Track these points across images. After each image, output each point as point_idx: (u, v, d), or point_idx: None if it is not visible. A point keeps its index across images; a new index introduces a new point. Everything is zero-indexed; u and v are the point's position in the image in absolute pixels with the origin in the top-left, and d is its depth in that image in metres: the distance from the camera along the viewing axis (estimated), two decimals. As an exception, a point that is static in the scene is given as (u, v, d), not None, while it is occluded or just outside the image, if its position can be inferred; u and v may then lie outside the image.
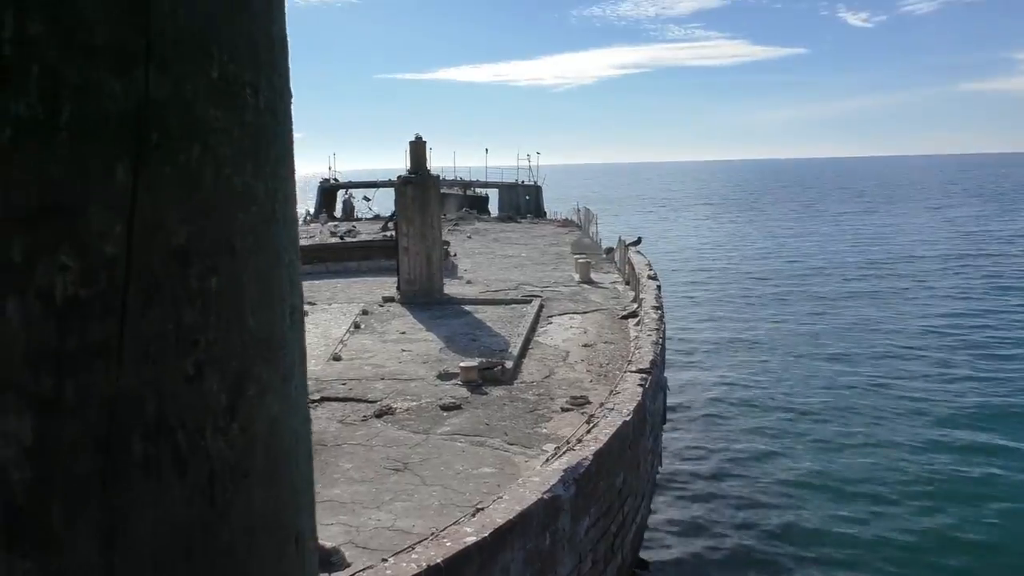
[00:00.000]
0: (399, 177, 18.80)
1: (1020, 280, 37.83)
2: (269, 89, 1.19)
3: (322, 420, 10.91)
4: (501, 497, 5.89)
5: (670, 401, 14.70)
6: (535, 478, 6.30)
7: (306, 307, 15.06)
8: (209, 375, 1.07)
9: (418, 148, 18.85)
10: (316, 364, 13.47)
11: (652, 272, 18.19)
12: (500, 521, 5.43)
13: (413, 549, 5.05)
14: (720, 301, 34.94)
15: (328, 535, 7.55)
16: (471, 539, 5.15)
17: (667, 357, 14.67)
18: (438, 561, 4.87)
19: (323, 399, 11.74)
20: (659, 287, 16.69)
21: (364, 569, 4.80)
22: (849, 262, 46.55)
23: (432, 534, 5.32)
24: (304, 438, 1.33)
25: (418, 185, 18.45)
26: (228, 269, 1.09)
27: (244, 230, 1.12)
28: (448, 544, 5.07)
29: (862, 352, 24.81)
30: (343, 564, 4.54)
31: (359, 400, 11.67)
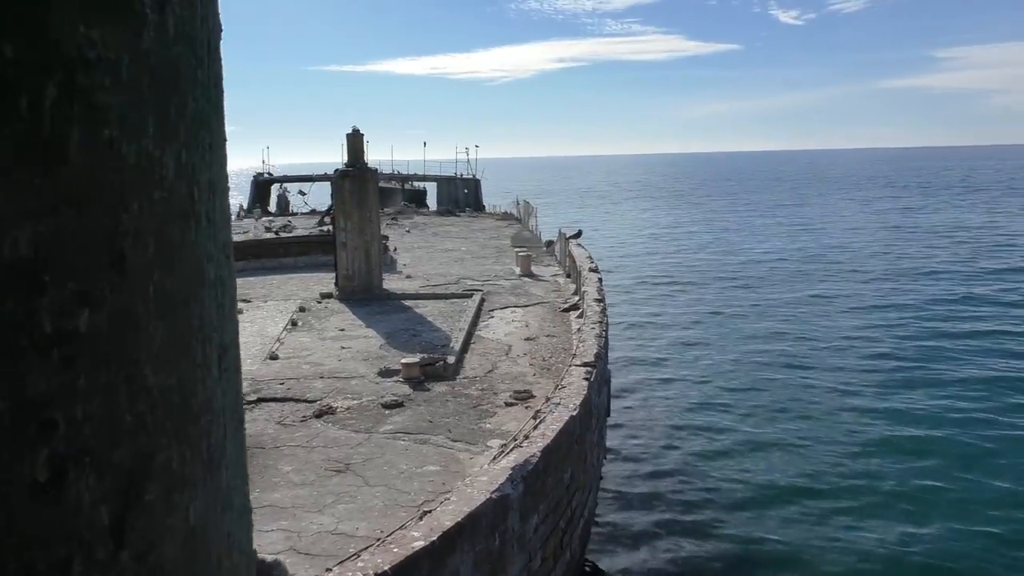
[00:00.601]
0: (336, 170, 18.38)
1: (944, 266, 39.29)
2: (183, 6, 0.78)
3: (259, 422, 10.54)
4: (448, 498, 5.73)
5: (613, 393, 14.71)
6: (483, 477, 6.15)
7: (241, 304, 14.54)
8: (76, 479, 0.65)
9: (355, 140, 18.45)
10: (252, 364, 13.06)
11: (593, 264, 18.19)
12: (448, 524, 5.26)
13: (359, 556, 4.84)
14: (660, 293, 35.34)
15: (268, 542, 7.27)
16: (419, 544, 4.97)
17: (610, 349, 14.67)
18: (385, 568, 4.68)
19: (260, 400, 11.35)
20: (600, 279, 16.69)
21: (306, 580, 4.58)
22: (783, 252, 47.69)
23: (378, 539, 5.12)
24: (245, 547, 0.88)
25: (356, 178, 18.06)
26: (111, 296, 0.67)
27: (142, 230, 0.70)
28: (395, 550, 4.88)
29: (798, 341, 25.40)
30: (284, 576, 4.32)
31: (298, 400, 11.33)
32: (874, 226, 62.09)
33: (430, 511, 5.50)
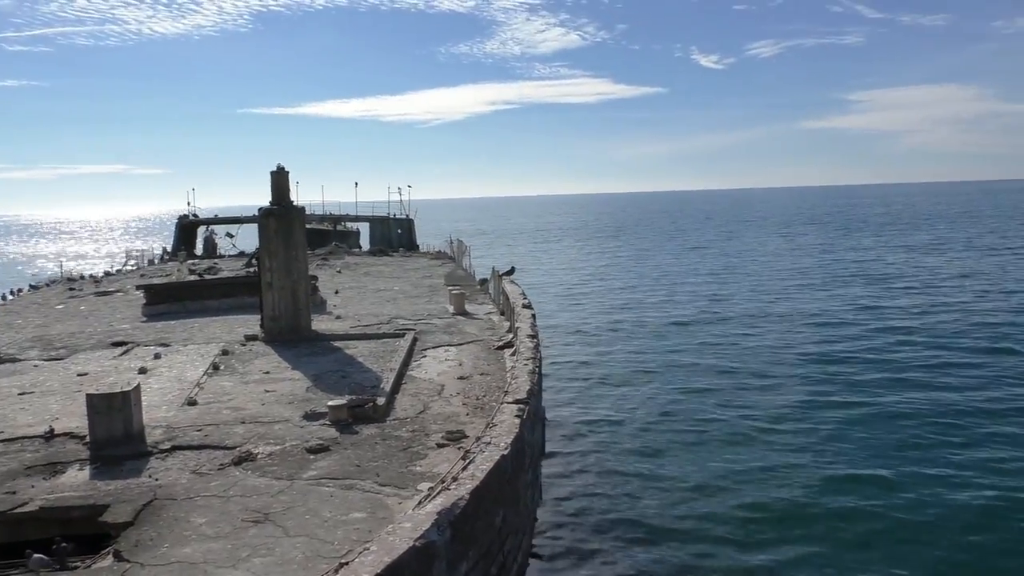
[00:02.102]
0: (260, 209, 17.84)
1: (869, 294, 40.56)
2: None
3: (173, 472, 9.90)
4: (368, 548, 5.31)
5: (548, 430, 14.43)
6: (406, 524, 5.74)
7: (159, 349, 13.90)
8: None
9: (280, 178, 17.98)
10: (168, 410, 12.36)
11: (527, 301, 18.02)
12: (367, 576, 4.85)
13: (265, 616, 4.39)
14: (594, 328, 35.35)
15: (174, 603, 6.71)
16: (333, 600, 4.55)
17: (544, 386, 14.43)
18: (294, 629, 4.24)
19: (175, 448, 10.70)
20: (534, 315, 16.50)
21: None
22: (713, 284, 48.54)
23: (289, 597, 4.67)
24: None
25: (281, 217, 17.56)
26: None
27: None
28: (306, 607, 4.45)
29: (727, 370, 25.67)
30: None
31: (216, 447, 10.70)
32: (801, 259, 63.89)
33: (347, 563, 5.07)
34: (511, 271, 23.73)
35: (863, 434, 18.92)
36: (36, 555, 7.38)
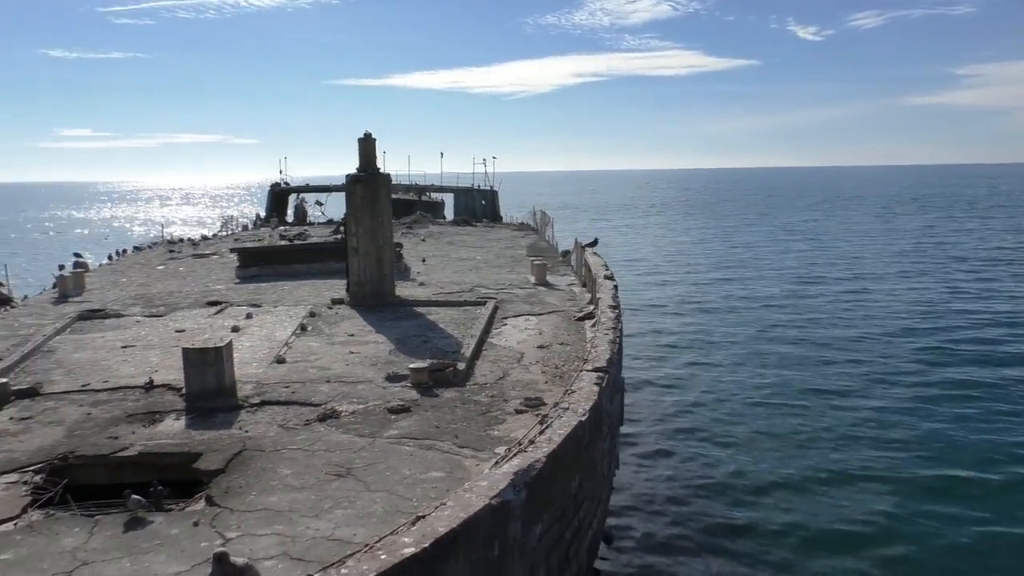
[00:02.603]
0: (348, 175, 18.18)
1: (971, 283, 38.59)
2: None
3: (261, 425, 10.29)
4: (445, 503, 5.39)
5: (627, 402, 14.31)
6: (483, 482, 5.80)
7: (251, 309, 14.38)
8: None
9: (367, 145, 18.25)
10: (258, 367, 12.82)
11: (609, 272, 17.83)
12: (442, 530, 4.92)
13: (344, 563, 4.51)
14: (677, 305, 34.85)
15: (260, 547, 6.98)
16: (409, 550, 4.63)
17: (625, 358, 14.31)
18: None
19: (263, 403, 11.11)
20: (616, 287, 16.32)
21: (286, 586, 4.26)
22: (803, 265, 47.03)
23: (367, 545, 4.79)
24: None
25: (368, 183, 17.84)
26: None
27: None
28: (383, 556, 4.55)
29: (815, 358, 24.86)
30: (259, 582, 4.00)
31: (302, 404, 11.06)
32: (901, 242, 61.24)
33: (424, 516, 5.16)
34: (594, 243, 23.52)
35: (967, 436, 17.38)
36: (134, 496, 7.79)
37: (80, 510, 7.99)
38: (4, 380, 11.87)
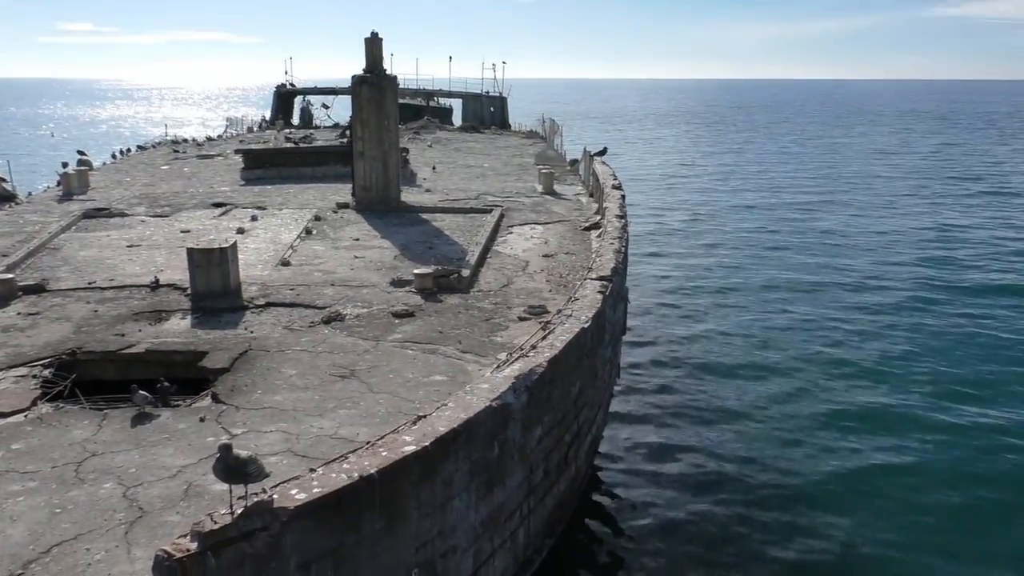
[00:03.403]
0: (353, 77, 17.75)
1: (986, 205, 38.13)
2: None
3: (266, 326, 10.37)
4: (446, 404, 5.45)
5: (630, 312, 14.36)
6: (483, 385, 5.86)
7: (256, 212, 14.34)
8: None
9: (374, 45, 17.75)
10: (263, 269, 12.84)
11: (617, 182, 17.62)
12: (443, 430, 4.99)
13: (346, 458, 4.60)
14: (686, 216, 34.62)
15: (265, 443, 7.13)
16: (410, 448, 4.71)
17: (630, 268, 14.27)
18: (372, 471, 4.43)
19: (268, 304, 11.17)
20: (623, 197, 16.17)
21: (287, 480, 4.34)
22: (813, 183, 46.47)
23: (368, 443, 4.87)
24: None
25: (374, 85, 17.45)
26: None
27: None
28: (384, 453, 4.63)
29: (823, 275, 24.80)
30: (261, 474, 4.08)
31: (307, 306, 11.12)
32: (914, 159, 60.25)
33: (425, 416, 5.23)
34: (603, 152, 23.17)
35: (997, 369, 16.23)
36: (141, 392, 7.91)
37: (89, 404, 8.14)
38: (11, 276, 11.92)
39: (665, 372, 16.38)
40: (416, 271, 12.13)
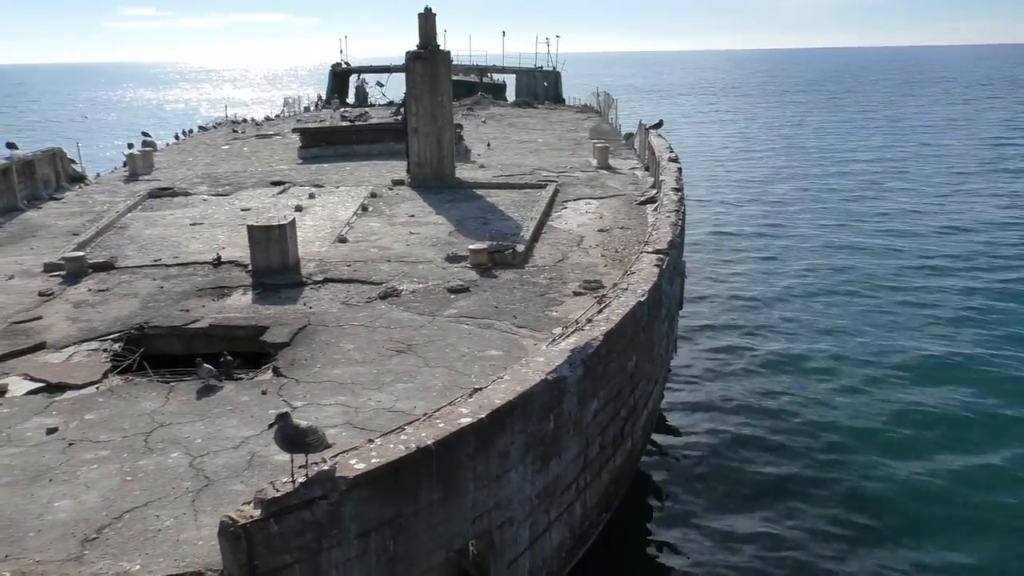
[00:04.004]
0: (407, 53, 17.78)
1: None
2: None
3: (324, 301, 10.54)
4: (502, 377, 5.46)
5: (687, 286, 14.14)
6: (539, 358, 5.85)
7: (314, 189, 14.62)
8: None
9: (427, 21, 17.74)
10: (321, 246, 13.03)
11: (673, 154, 17.33)
12: (499, 402, 5.01)
13: (403, 429, 4.65)
14: (745, 191, 33.96)
15: (325, 416, 7.26)
16: (466, 420, 4.74)
17: (687, 242, 14.06)
18: (429, 443, 4.47)
19: (327, 280, 11.35)
20: (680, 169, 15.89)
21: (347, 450, 4.41)
22: (877, 160, 44.99)
23: (425, 414, 4.92)
24: None
25: (427, 60, 17.46)
26: None
27: None
28: (441, 425, 4.67)
29: (882, 255, 24.04)
30: (321, 444, 4.15)
31: (364, 282, 11.26)
32: (989, 129, 57.86)
33: (481, 389, 5.26)
34: (659, 125, 22.82)
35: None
36: (206, 365, 8.13)
37: (156, 377, 8.40)
38: (81, 254, 12.34)
39: (723, 349, 16.15)
40: (471, 247, 12.16)
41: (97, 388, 8.15)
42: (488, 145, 24.58)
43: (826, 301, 18.96)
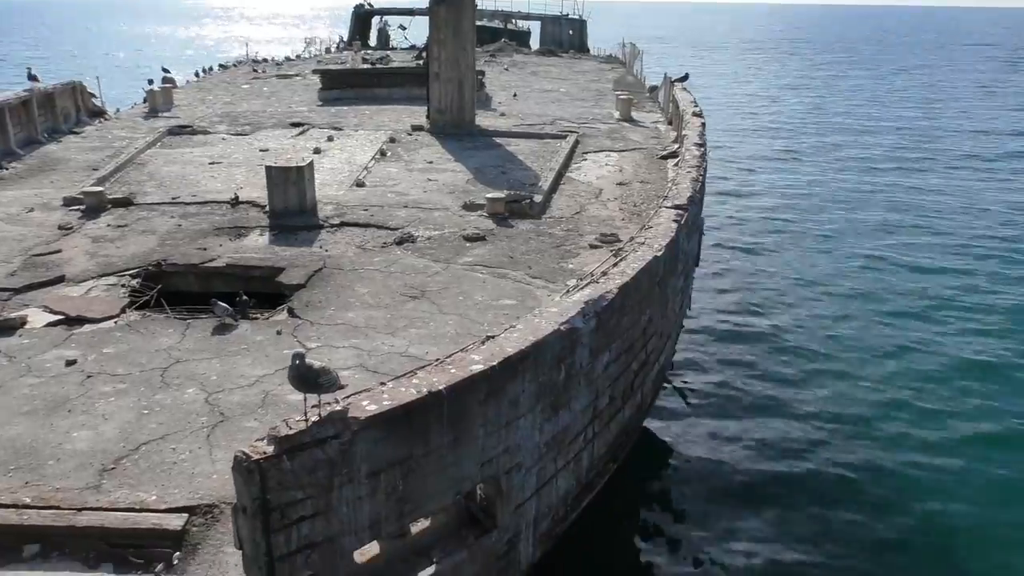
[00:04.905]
0: (431, -4, 17.48)
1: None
2: None
3: (340, 245, 10.57)
4: (515, 326, 5.49)
5: (705, 243, 14.05)
6: (553, 308, 5.86)
7: (332, 132, 14.50)
8: None
9: (452, -37, 17.37)
10: (339, 189, 13.01)
11: (697, 109, 17.04)
12: (511, 351, 5.04)
13: (415, 374, 4.70)
14: (771, 148, 33.49)
15: (338, 358, 7.33)
16: (477, 367, 4.78)
17: (706, 199, 13.93)
18: (440, 388, 4.52)
19: (343, 224, 11.35)
20: (703, 124, 15.64)
21: (359, 392, 4.47)
22: (909, 126, 44.02)
23: (437, 360, 4.96)
24: None
25: (451, 5, 17.16)
26: None
27: None
28: (452, 371, 4.71)
29: (921, 221, 23.60)
30: (334, 385, 4.20)
31: (380, 227, 11.26)
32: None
33: (493, 337, 5.28)
34: (685, 77, 22.40)
35: None
36: (222, 304, 8.20)
37: (173, 314, 8.50)
38: (101, 189, 12.40)
39: (736, 308, 16.13)
40: (488, 195, 12.11)
41: (115, 323, 8.26)
42: (514, 96, 24.28)
43: (853, 267, 18.72)
